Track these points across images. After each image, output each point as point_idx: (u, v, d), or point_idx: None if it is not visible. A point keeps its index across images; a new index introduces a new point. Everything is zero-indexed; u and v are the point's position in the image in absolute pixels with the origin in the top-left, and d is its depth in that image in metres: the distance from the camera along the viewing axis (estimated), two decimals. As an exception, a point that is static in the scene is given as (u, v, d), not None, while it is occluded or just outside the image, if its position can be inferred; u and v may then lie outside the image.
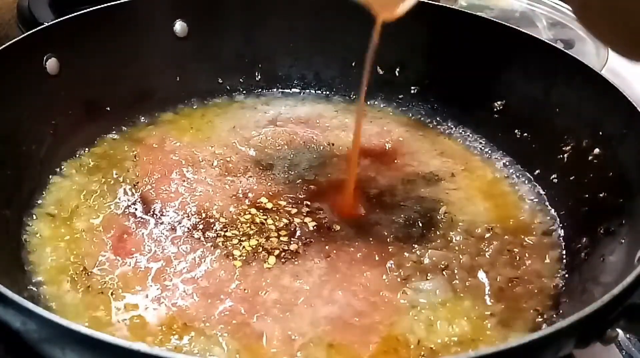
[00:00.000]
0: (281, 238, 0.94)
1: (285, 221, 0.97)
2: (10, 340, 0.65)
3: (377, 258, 0.92)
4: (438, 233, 0.97)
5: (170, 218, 0.97)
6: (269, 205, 1.00)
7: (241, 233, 0.95)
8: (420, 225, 0.98)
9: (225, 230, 0.95)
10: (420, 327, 0.83)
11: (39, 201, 0.98)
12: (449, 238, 0.96)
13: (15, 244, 0.91)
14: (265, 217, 0.97)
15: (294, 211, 0.99)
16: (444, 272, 0.90)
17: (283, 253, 0.92)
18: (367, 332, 0.82)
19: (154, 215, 0.97)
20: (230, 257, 0.91)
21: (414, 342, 0.81)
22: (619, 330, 0.68)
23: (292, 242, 0.94)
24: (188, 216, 0.97)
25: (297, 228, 0.96)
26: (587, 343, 0.68)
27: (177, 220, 0.96)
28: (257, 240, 0.93)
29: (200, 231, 0.95)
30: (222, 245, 0.92)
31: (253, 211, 0.99)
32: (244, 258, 0.90)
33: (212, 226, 0.96)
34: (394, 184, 1.06)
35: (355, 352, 0.79)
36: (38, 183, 1.00)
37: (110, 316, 0.82)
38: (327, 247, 0.93)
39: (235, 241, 0.93)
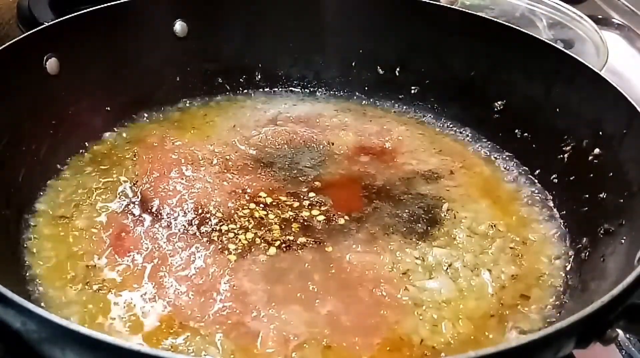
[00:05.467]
0: (279, 232, 0.94)
1: (285, 216, 0.98)
2: (10, 340, 0.65)
3: (379, 256, 0.92)
4: (442, 230, 0.98)
5: (169, 215, 0.97)
6: (269, 200, 1.00)
7: (238, 226, 0.95)
8: (425, 221, 0.99)
9: (221, 224, 0.95)
10: (425, 326, 0.83)
11: (39, 201, 0.98)
12: (452, 236, 0.96)
13: (15, 243, 0.91)
14: (265, 212, 0.98)
15: (295, 204, 1.00)
16: (448, 271, 0.90)
17: (280, 248, 0.92)
18: (368, 330, 0.82)
19: (153, 213, 0.97)
20: (226, 252, 0.91)
21: (417, 341, 0.81)
22: (619, 330, 0.68)
23: (291, 237, 0.94)
24: (186, 214, 0.97)
25: (298, 223, 0.96)
26: (587, 343, 0.68)
27: (175, 218, 0.96)
28: (255, 233, 0.94)
29: (197, 227, 0.95)
30: (218, 239, 0.93)
31: (252, 206, 0.99)
32: (239, 251, 0.91)
33: (209, 221, 0.96)
34: (394, 182, 1.07)
35: (356, 351, 0.79)
36: (38, 183, 1.00)
37: (108, 314, 0.82)
38: (327, 244, 0.93)
39: (231, 235, 0.93)
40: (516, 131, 1.14)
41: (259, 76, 1.29)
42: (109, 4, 1.11)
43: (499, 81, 1.16)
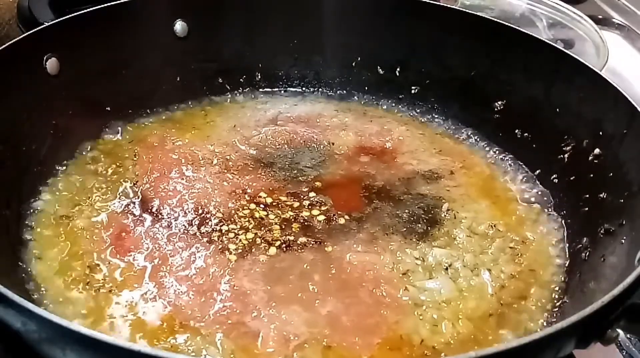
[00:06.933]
0: (279, 233, 0.94)
1: (285, 216, 0.98)
2: (11, 340, 0.65)
3: (379, 256, 0.92)
4: (442, 230, 0.98)
5: (169, 215, 0.97)
6: (269, 200, 1.01)
7: (239, 226, 0.95)
8: (425, 221, 0.99)
9: (221, 224, 0.95)
10: (425, 326, 0.83)
11: (39, 201, 0.98)
12: (452, 236, 0.96)
13: (16, 243, 0.91)
14: (265, 212, 0.98)
15: (296, 204, 1.00)
16: (448, 271, 0.90)
17: (280, 248, 0.92)
18: (368, 330, 0.82)
19: (153, 213, 0.97)
20: (226, 252, 0.91)
21: (417, 341, 0.81)
22: (620, 330, 0.68)
23: (291, 237, 0.94)
24: (186, 214, 0.97)
25: (298, 223, 0.96)
26: (587, 343, 0.68)
27: (175, 218, 0.96)
28: (255, 233, 0.94)
29: (197, 227, 0.95)
30: (218, 239, 0.93)
31: (252, 206, 0.99)
32: (240, 251, 0.91)
33: (209, 222, 0.96)
34: (394, 182, 1.07)
35: (356, 351, 0.79)
36: (38, 183, 1.00)
37: (108, 314, 0.82)
38: (327, 244, 0.93)
39: (231, 235, 0.93)
40: (516, 131, 1.14)
41: (259, 76, 1.29)
42: (109, 4, 1.11)
43: (498, 80, 1.16)
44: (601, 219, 0.91)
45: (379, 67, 1.27)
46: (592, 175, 0.98)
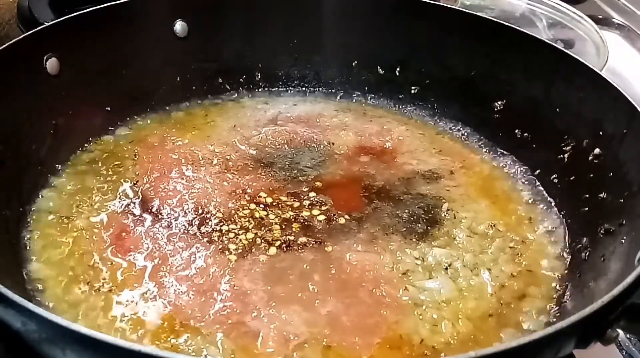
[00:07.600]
0: (280, 232, 0.94)
1: (285, 216, 0.98)
2: (11, 340, 0.65)
3: (379, 256, 0.92)
4: (442, 230, 0.98)
5: (169, 215, 0.97)
6: (269, 200, 1.01)
7: (239, 226, 0.95)
8: (424, 221, 0.99)
9: (221, 224, 0.95)
10: (424, 326, 0.83)
11: (39, 201, 0.98)
12: (452, 236, 0.97)
13: (16, 244, 0.91)
14: (265, 212, 0.98)
15: (296, 204, 1.00)
16: (447, 271, 0.90)
17: (280, 248, 0.92)
18: (368, 330, 0.82)
19: (153, 213, 0.97)
20: (226, 252, 0.91)
21: (417, 340, 0.81)
22: (620, 330, 0.68)
23: (291, 237, 0.94)
24: (186, 214, 0.97)
25: (298, 223, 0.96)
26: (587, 343, 0.68)
27: (176, 218, 0.96)
28: (255, 233, 0.94)
29: (197, 227, 0.95)
30: (218, 239, 0.93)
31: (252, 206, 0.99)
32: (240, 251, 0.91)
33: (209, 221, 0.96)
34: (394, 182, 1.07)
35: (356, 351, 0.79)
36: (38, 183, 1.00)
37: (109, 314, 0.82)
38: (327, 244, 0.93)
39: (231, 235, 0.93)
40: (516, 131, 1.14)
41: (259, 76, 1.30)
42: (109, 4, 1.11)
43: (498, 80, 1.16)
44: (601, 220, 0.91)
45: (379, 67, 1.27)
46: (592, 175, 0.98)
